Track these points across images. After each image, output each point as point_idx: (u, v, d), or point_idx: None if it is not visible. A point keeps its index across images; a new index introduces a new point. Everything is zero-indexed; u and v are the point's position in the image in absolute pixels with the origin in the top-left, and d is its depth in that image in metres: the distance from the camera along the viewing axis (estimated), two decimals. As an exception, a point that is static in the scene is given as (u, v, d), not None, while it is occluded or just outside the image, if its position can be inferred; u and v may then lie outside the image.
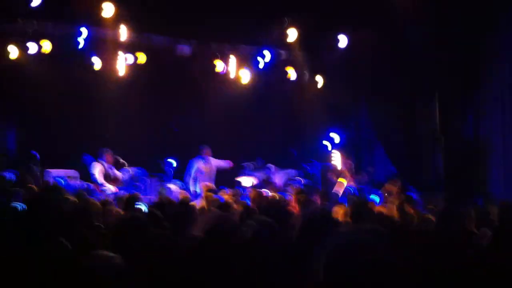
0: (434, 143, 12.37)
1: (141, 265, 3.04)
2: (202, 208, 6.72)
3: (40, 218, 4.55)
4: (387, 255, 1.90)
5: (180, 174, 12.41)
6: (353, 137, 14.94)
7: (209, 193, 8.69)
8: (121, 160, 11.53)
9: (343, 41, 13.18)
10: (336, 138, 14.83)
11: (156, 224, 4.79)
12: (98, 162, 11.25)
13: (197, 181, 12.03)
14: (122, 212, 6.48)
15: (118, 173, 11.44)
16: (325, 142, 15.00)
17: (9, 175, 10.26)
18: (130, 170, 11.39)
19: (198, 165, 12.04)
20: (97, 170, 11.14)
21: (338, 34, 13.13)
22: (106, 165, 11.26)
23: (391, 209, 6.94)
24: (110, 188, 11.02)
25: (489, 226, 5.14)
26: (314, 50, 13.90)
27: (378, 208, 7.70)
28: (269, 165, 13.15)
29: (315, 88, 14.34)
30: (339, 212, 6.34)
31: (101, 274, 2.89)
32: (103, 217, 5.99)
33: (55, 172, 11.22)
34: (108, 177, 11.21)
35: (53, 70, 11.89)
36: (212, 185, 10.94)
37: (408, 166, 12.81)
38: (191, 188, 11.89)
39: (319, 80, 14.29)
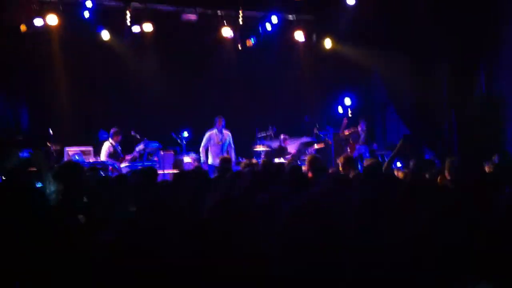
0: (447, 102, 12.24)
1: (155, 238, 3.05)
2: (216, 179, 6.72)
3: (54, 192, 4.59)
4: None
5: (194, 146, 12.43)
6: (365, 100, 14.84)
7: (225, 164, 8.66)
8: (136, 135, 11.53)
9: (351, 1, 12.94)
10: (348, 102, 14.75)
11: (172, 196, 4.81)
12: (107, 141, 11.24)
13: (209, 151, 12.04)
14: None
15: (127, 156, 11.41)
16: (337, 107, 14.93)
17: (22, 154, 10.33)
18: (144, 144, 11.39)
19: (210, 135, 12.03)
20: (103, 149, 11.18)
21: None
22: (114, 144, 11.24)
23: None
24: (119, 164, 11.09)
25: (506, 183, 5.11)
26: (322, 11, 13.71)
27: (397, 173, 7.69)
28: (283, 134, 13.11)
29: (325, 51, 14.20)
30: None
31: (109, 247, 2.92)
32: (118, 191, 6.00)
33: (70, 149, 11.30)
34: (115, 156, 11.20)
35: (62, 44, 11.91)
36: (228, 155, 10.93)
37: (422, 127, 12.71)
38: (202, 158, 11.91)
39: (328, 42, 14.14)
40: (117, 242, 2.93)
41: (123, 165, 11.12)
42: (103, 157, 11.08)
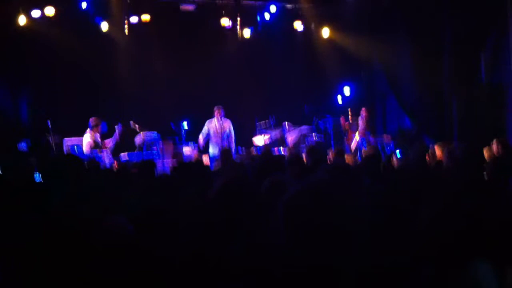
0: (448, 91, 12.21)
1: (155, 230, 3.04)
2: (217, 169, 6.72)
3: (55, 186, 4.57)
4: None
5: (193, 136, 12.42)
6: (365, 88, 14.79)
7: (226, 156, 8.66)
8: (135, 125, 11.49)
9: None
10: (347, 91, 14.71)
11: (173, 187, 4.80)
12: (87, 133, 11.09)
13: (209, 141, 12.04)
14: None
15: (105, 141, 11.27)
16: (337, 96, 14.90)
17: (21, 146, 10.30)
18: (143, 135, 11.37)
19: (210, 125, 12.03)
20: (84, 142, 10.96)
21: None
22: (93, 134, 11.05)
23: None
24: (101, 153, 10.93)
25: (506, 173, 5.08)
26: (321, 0, 13.69)
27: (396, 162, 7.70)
28: (284, 123, 13.09)
29: (324, 40, 14.15)
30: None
31: (114, 240, 2.90)
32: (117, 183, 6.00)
33: (70, 140, 11.28)
34: (97, 147, 11.04)
35: (60, 35, 11.88)
36: (227, 146, 10.94)
37: (422, 115, 12.68)
38: (200, 143, 11.93)
39: (328, 31, 14.08)
40: (117, 241, 2.92)
41: (124, 153, 11.04)
42: (85, 150, 10.81)
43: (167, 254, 2.74)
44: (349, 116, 13.02)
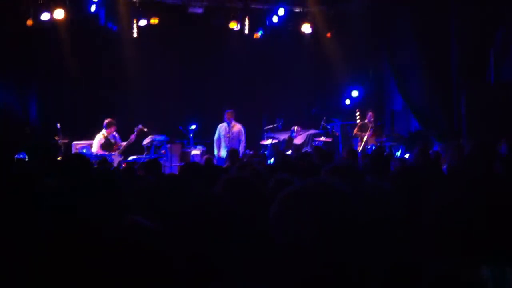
0: (457, 89, 12.11)
1: (170, 228, 3.01)
2: (225, 169, 6.72)
3: (65, 187, 4.56)
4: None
5: (201, 139, 12.45)
6: (373, 90, 14.73)
7: (233, 155, 8.69)
8: (144, 128, 11.51)
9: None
10: (355, 93, 14.66)
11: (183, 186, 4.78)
12: (100, 133, 11.14)
13: (220, 144, 12.06)
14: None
15: (122, 143, 11.32)
16: (345, 99, 14.86)
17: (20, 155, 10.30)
18: (152, 138, 11.40)
19: (220, 128, 12.06)
20: (95, 141, 11.08)
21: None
22: (106, 135, 11.12)
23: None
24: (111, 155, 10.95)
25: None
26: (330, 2, 13.68)
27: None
28: (294, 126, 13.08)
29: (332, 42, 14.13)
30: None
31: (133, 239, 2.87)
32: (127, 183, 6.00)
33: (79, 143, 11.34)
34: (108, 147, 11.14)
35: (69, 38, 11.99)
36: (235, 148, 10.94)
37: (431, 115, 12.59)
38: (216, 151, 11.97)
39: (335, 33, 14.07)
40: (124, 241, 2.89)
41: (133, 157, 11.05)
42: (95, 149, 10.93)
43: (171, 253, 2.71)
44: (357, 117, 13.02)
